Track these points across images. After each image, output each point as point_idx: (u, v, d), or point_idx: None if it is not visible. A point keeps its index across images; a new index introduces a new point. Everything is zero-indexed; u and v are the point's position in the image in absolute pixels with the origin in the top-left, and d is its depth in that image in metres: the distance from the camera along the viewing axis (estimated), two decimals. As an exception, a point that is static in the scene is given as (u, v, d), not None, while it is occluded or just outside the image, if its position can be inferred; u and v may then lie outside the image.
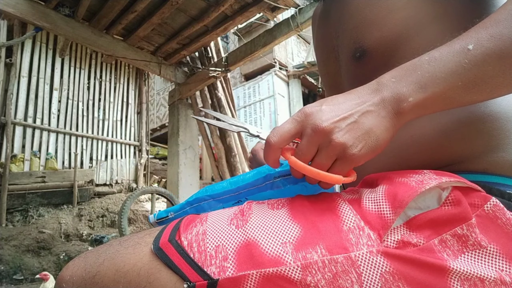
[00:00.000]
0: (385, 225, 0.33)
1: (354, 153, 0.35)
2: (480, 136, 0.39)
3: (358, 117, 0.35)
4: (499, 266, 0.31)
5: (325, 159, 0.36)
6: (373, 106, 0.35)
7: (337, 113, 0.36)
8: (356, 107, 0.36)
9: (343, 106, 0.36)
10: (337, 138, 0.35)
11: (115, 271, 0.37)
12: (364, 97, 0.36)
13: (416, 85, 0.34)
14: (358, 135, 0.35)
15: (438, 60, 0.34)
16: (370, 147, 0.36)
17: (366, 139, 0.35)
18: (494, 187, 0.36)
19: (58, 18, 2.89)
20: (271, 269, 0.32)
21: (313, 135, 0.36)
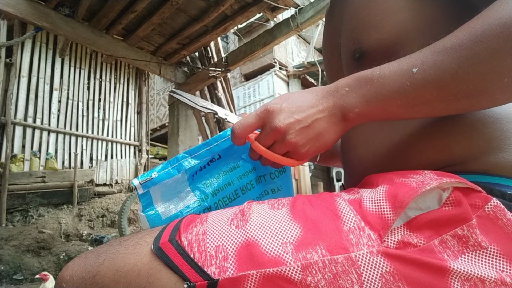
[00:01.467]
0: (385, 225, 0.33)
1: (302, 151, 0.42)
2: (481, 137, 0.39)
3: (311, 122, 0.41)
4: (500, 267, 0.31)
5: (278, 150, 0.44)
6: (325, 111, 0.41)
7: (293, 115, 0.41)
8: (310, 110, 0.41)
9: (300, 108, 0.41)
10: (290, 138, 0.42)
11: (115, 271, 0.37)
12: (319, 100, 0.41)
13: (362, 98, 0.39)
14: (308, 138, 0.42)
15: (386, 77, 0.37)
16: (317, 147, 0.43)
17: (314, 141, 0.42)
18: (495, 188, 0.36)
19: (58, 18, 2.89)
20: (271, 269, 0.32)
21: (270, 132, 0.43)
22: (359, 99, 0.39)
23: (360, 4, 0.48)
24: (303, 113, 0.41)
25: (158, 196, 0.54)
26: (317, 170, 8.02)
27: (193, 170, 0.57)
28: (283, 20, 3.04)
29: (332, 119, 0.41)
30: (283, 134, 0.42)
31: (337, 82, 0.41)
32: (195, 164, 0.56)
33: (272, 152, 0.44)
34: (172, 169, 0.55)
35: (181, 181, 0.55)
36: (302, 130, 0.41)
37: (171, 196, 0.55)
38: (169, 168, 0.55)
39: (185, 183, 0.56)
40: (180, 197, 0.55)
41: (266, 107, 0.43)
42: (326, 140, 0.42)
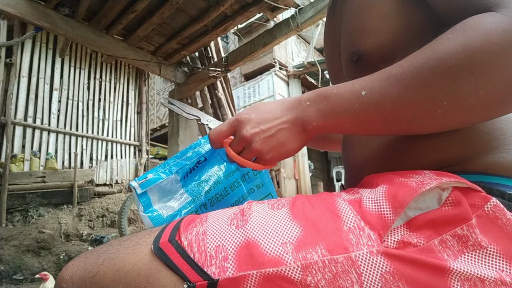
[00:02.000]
0: (385, 225, 0.33)
1: (267, 158, 0.47)
2: (480, 137, 0.39)
3: (275, 132, 0.45)
4: (499, 267, 0.31)
5: (247, 156, 0.48)
6: (288, 123, 0.45)
7: (259, 125, 0.46)
8: (275, 122, 0.46)
9: (266, 119, 0.46)
10: (255, 146, 0.46)
11: (115, 271, 0.37)
12: (283, 112, 0.46)
13: (320, 113, 0.43)
14: (272, 146, 0.46)
15: (340, 96, 0.41)
16: (280, 154, 0.47)
17: (278, 149, 0.46)
18: (495, 188, 0.36)
19: (58, 18, 2.89)
20: (271, 269, 0.33)
21: (239, 139, 0.47)
22: (317, 113, 0.43)
23: (358, 8, 0.49)
24: (268, 124, 0.45)
25: (156, 197, 0.58)
26: (317, 170, 8.03)
27: (184, 171, 0.61)
28: (283, 20, 3.04)
29: (294, 129, 0.45)
30: (249, 142, 0.46)
31: (301, 96, 0.45)
32: (184, 165, 0.61)
33: (242, 157, 0.48)
34: (164, 171, 0.60)
35: (174, 182, 0.60)
36: (266, 139, 0.45)
37: (168, 196, 0.59)
38: (161, 170, 0.60)
39: (178, 184, 0.60)
40: (176, 198, 0.59)
41: (237, 117, 0.48)
42: (288, 148, 0.46)
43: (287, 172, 5.95)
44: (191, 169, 0.62)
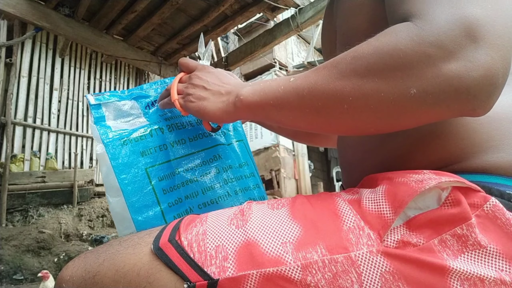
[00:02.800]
0: (385, 225, 0.34)
1: (186, 101, 0.51)
2: (479, 136, 0.39)
3: (209, 88, 0.50)
4: (499, 266, 0.31)
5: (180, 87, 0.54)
6: (224, 91, 0.48)
7: (207, 78, 0.51)
8: (218, 82, 0.50)
9: (216, 80, 0.51)
10: (190, 81, 0.52)
11: (115, 271, 0.37)
12: (229, 83, 0.50)
13: (252, 91, 0.44)
14: (195, 94, 0.50)
15: (274, 81, 0.43)
16: (196, 106, 0.50)
17: (197, 100, 0.50)
18: (494, 187, 0.36)
19: (58, 18, 2.89)
20: (271, 269, 0.33)
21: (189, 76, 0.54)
22: (249, 91, 0.44)
23: (350, 10, 0.49)
24: (215, 81, 0.50)
25: (111, 116, 0.58)
26: (317, 170, 8.03)
27: (145, 102, 0.62)
28: (283, 20, 3.04)
29: (224, 97, 0.48)
30: (191, 81, 0.52)
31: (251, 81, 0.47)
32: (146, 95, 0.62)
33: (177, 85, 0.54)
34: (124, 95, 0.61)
35: (134, 108, 0.60)
36: (201, 88, 0.50)
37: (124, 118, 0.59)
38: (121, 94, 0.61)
39: (139, 111, 0.61)
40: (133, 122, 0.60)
41: (205, 65, 0.54)
42: (205, 106, 0.48)
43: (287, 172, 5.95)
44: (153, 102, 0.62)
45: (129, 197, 0.52)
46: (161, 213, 0.54)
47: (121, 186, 0.52)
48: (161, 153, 0.57)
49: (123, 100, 0.60)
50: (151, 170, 0.55)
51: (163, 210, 0.54)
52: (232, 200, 0.58)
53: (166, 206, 0.54)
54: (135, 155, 0.55)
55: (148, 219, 0.52)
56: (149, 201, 0.53)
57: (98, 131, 0.55)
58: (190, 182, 0.57)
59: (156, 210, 0.53)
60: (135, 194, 0.53)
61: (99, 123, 0.56)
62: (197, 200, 0.56)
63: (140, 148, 0.56)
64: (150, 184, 0.54)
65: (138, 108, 0.60)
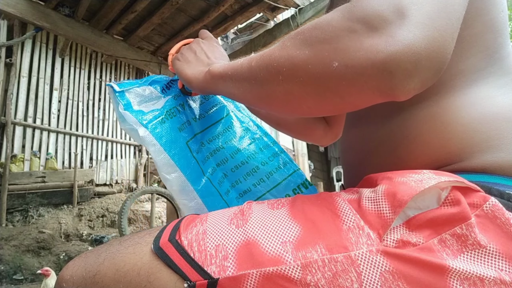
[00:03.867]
0: (384, 224, 0.34)
1: (175, 58, 0.60)
2: (478, 136, 0.39)
3: (198, 57, 0.57)
4: (499, 266, 0.31)
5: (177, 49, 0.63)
6: (207, 64, 0.54)
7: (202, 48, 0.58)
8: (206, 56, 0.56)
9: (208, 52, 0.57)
10: (183, 49, 0.61)
11: (115, 271, 0.37)
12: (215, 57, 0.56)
13: (224, 65, 0.48)
14: (185, 56, 0.58)
15: (244, 58, 0.44)
16: (178, 65, 0.57)
17: (182, 61, 0.57)
18: (493, 187, 0.36)
19: (58, 18, 2.89)
20: (271, 268, 0.33)
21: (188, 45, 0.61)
22: (221, 64, 0.49)
23: None
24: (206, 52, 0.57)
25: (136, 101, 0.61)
26: (317, 170, 8.03)
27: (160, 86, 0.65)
28: (283, 20, 3.04)
29: (202, 67, 0.53)
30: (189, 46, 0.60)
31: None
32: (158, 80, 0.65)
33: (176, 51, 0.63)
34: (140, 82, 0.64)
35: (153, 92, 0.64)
36: (192, 54, 0.57)
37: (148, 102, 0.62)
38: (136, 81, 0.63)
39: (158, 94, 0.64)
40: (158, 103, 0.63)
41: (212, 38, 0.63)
42: (184, 68, 0.55)
43: (287, 172, 5.93)
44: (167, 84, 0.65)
45: (185, 170, 0.56)
46: (209, 182, 0.58)
47: (176, 161, 0.55)
48: (189, 128, 0.61)
49: (142, 86, 0.63)
50: (190, 143, 0.59)
51: (209, 178, 0.59)
52: (261, 156, 0.63)
53: (209, 175, 0.59)
54: (175, 132, 0.59)
55: (204, 188, 0.57)
56: (198, 172, 0.58)
57: (135, 116, 0.57)
58: (217, 151, 0.61)
59: (204, 179, 0.58)
60: (188, 167, 0.57)
61: (128, 109, 0.58)
62: (228, 165, 0.61)
63: (176, 124, 0.60)
64: (193, 157, 0.59)
65: (156, 92, 0.64)
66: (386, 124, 0.45)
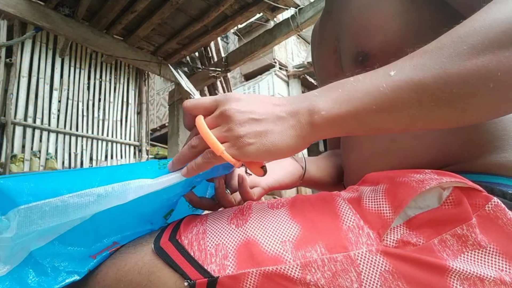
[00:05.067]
0: (384, 224, 0.34)
1: (241, 146, 0.36)
2: (482, 137, 0.39)
3: (266, 117, 0.36)
4: (499, 266, 0.31)
5: (217, 134, 0.37)
6: (286, 113, 0.36)
7: (249, 105, 0.37)
8: (269, 107, 0.37)
9: (261, 102, 0.37)
10: (232, 126, 0.36)
11: (116, 270, 0.37)
12: (284, 101, 0.37)
13: (332, 101, 0.35)
14: (255, 131, 0.36)
15: (360, 81, 0.34)
16: (263, 147, 0.36)
17: (261, 137, 0.36)
18: (496, 188, 0.36)
19: (58, 18, 2.89)
20: (270, 267, 0.33)
21: (218, 114, 0.38)
22: (329, 101, 0.35)
23: (362, 8, 0.48)
24: (260, 108, 0.37)
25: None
26: (317, 170, 8.01)
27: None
28: (283, 20, 3.04)
29: (291, 121, 0.36)
30: (228, 119, 0.36)
31: (307, 93, 0.38)
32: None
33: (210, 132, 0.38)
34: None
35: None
36: (251, 121, 0.36)
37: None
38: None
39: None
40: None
41: (228, 93, 0.39)
42: (277, 142, 0.36)
43: (287, 172, 5.93)
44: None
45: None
46: None
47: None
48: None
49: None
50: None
51: None
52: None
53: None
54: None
55: None
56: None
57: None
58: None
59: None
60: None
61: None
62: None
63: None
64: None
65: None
66: None
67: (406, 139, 0.43)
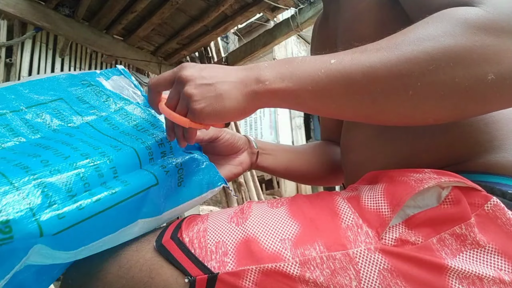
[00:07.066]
0: (383, 223, 0.34)
1: (196, 108, 0.38)
2: (482, 136, 0.39)
3: (215, 82, 0.39)
4: (498, 265, 0.31)
5: (180, 107, 0.41)
6: (235, 78, 0.39)
7: (201, 72, 0.39)
8: (220, 73, 0.39)
9: (212, 70, 0.40)
10: (187, 90, 0.39)
11: (118, 267, 0.38)
12: (234, 70, 0.40)
13: (278, 74, 0.37)
14: (206, 95, 0.38)
15: (305, 62, 0.37)
16: (214, 109, 0.38)
17: (212, 101, 0.38)
18: (496, 187, 0.36)
19: (58, 18, 2.89)
20: (270, 264, 0.33)
21: (176, 83, 0.40)
22: (274, 74, 0.38)
23: (352, 17, 0.49)
24: (212, 73, 0.39)
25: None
26: (317, 170, 8.02)
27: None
28: (283, 20, 3.04)
29: (239, 85, 0.38)
30: (183, 84, 0.39)
31: (260, 63, 0.41)
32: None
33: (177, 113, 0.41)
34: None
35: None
36: (202, 86, 0.38)
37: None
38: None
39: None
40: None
41: (182, 64, 0.42)
42: (225, 105, 0.38)
43: (287, 172, 5.93)
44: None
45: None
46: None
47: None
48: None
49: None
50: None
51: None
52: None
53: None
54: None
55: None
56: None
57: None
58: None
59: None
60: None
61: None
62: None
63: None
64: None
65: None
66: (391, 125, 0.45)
67: (405, 140, 0.44)
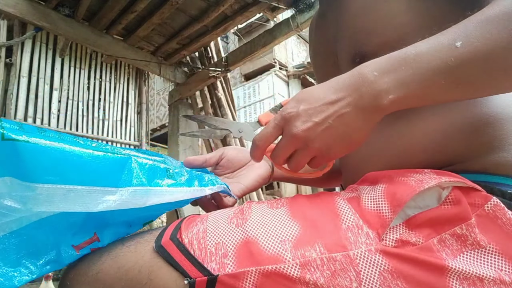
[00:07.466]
0: (383, 223, 0.34)
1: (329, 155, 0.39)
2: (482, 136, 0.39)
3: (333, 121, 0.36)
4: (499, 266, 0.31)
5: (301, 159, 0.40)
6: (349, 106, 0.35)
7: (311, 118, 0.37)
8: (330, 109, 0.36)
9: (319, 107, 0.37)
10: (312, 145, 0.38)
11: (117, 269, 0.38)
12: (339, 94, 0.36)
13: (397, 82, 0.34)
14: (333, 139, 0.37)
15: (423, 55, 0.33)
16: (344, 148, 0.38)
17: (339, 142, 0.37)
18: (496, 187, 0.36)
19: (58, 18, 2.89)
20: (270, 266, 0.33)
21: (291, 140, 0.38)
22: (393, 83, 0.33)
23: (359, 10, 0.48)
24: (322, 114, 0.36)
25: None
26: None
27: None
28: (283, 20, 3.04)
29: (359, 112, 0.35)
30: (304, 141, 0.37)
31: (360, 67, 0.36)
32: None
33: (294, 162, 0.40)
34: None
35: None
36: (324, 133, 0.36)
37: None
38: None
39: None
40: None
41: (282, 114, 0.39)
42: (353, 139, 0.37)
43: (287, 172, 5.93)
44: None
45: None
46: None
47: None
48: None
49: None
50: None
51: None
52: None
53: None
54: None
55: None
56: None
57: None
58: None
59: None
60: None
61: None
62: None
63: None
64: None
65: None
66: (391, 124, 0.45)
67: (404, 140, 0.43)
